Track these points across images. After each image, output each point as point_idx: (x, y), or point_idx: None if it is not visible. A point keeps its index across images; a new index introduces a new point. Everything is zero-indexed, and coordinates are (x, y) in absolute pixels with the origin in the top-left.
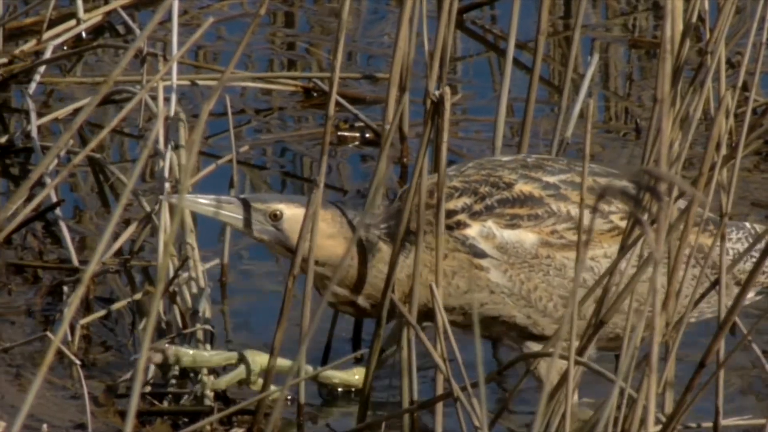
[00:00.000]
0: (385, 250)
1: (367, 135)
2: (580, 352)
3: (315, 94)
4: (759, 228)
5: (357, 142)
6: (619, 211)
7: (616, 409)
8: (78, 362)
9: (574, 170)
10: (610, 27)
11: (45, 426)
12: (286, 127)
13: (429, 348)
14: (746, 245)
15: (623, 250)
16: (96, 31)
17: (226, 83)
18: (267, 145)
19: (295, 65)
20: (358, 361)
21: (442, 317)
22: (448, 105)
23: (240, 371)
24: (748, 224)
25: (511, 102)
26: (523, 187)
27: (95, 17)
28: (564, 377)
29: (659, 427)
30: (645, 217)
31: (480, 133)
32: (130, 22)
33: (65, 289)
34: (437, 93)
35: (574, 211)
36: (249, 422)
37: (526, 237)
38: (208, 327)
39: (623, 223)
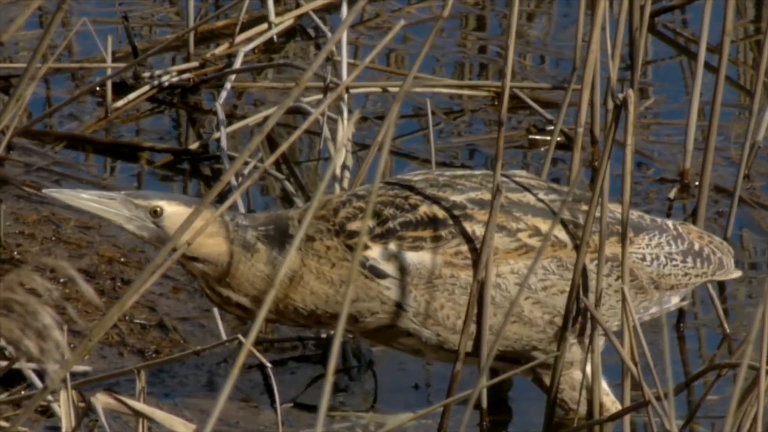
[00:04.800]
0: (263, 250)
1: (559, 138)
2: None
3: None
4: (681, 229)
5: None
6: (528, 228)
7: None
8: (269, 365)
9: (486, 187)
10: None
11: None
12: (476, 130)
13: (620, 352)
14: (666, 249)
15: None
16: (287, 34)
17: (412, 89)
18: (457, 149)
19: (486, 69)
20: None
21: (634, 322)
22: (632, 108)
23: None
24: (670, 223)
25: (703, 105)
26: (427, 209)
27: (287, 21)
28: (754, 383)
29: None
30: None
31: (671, 137)
32: (322, 25)
33: None
34: (621, 96)
35: (480, 230)
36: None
37: (429, 258)
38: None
39: (531, 241)
